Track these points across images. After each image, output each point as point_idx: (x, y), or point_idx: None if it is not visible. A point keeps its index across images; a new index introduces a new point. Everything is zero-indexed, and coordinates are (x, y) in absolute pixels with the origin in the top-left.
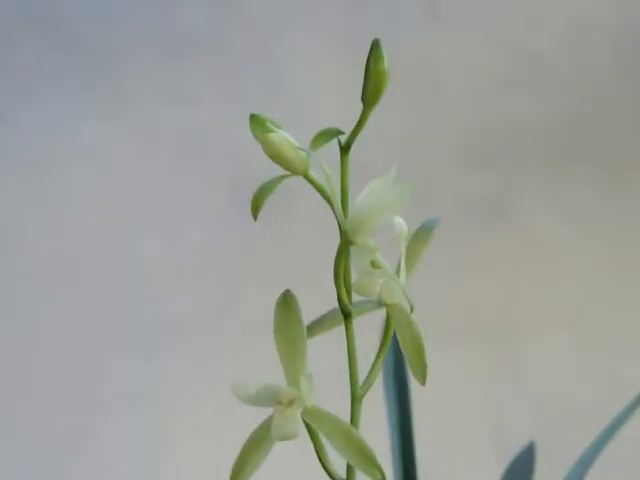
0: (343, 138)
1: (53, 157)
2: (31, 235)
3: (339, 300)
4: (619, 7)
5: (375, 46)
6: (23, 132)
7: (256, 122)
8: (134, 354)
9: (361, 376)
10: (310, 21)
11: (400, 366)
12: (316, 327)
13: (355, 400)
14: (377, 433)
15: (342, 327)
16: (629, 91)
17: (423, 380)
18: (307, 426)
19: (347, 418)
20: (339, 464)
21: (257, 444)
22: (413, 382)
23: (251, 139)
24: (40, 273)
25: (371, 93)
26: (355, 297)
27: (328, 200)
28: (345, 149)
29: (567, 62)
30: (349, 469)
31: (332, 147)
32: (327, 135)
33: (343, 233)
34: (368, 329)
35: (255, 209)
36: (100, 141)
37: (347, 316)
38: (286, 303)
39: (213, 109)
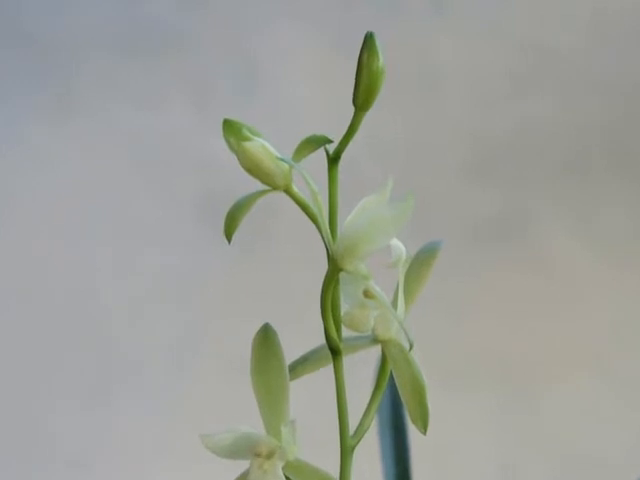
0: (332, 147)
1: None
2: None
3: (326, 335)
4: None
5: (369, 41)
6: None
7: (230, 128)
8: (84, 400)
9: (352, 423)
10: (294, 12)
11: (397, 412)
12: (300, 367)
13: (345, 451)
14: None
15: (330, 367)
16: None
17: (424, 428)
18: None
19: (336, 473)
20: None
21: None
22: (412, 430)
23: (224, 148)
24: None
25: (364, 95)
26: (345, 332)
27: (314, 219)
28: (334, 159)
29: (590, 59)
30: None
31: (319, 157)
32: (313, 143)
33: (331, 258)
34: (360, 369)
35: (229, 230)
36: (49, 148)
37: (336, 354)
38: (265, 339)
39: (180, 113)
